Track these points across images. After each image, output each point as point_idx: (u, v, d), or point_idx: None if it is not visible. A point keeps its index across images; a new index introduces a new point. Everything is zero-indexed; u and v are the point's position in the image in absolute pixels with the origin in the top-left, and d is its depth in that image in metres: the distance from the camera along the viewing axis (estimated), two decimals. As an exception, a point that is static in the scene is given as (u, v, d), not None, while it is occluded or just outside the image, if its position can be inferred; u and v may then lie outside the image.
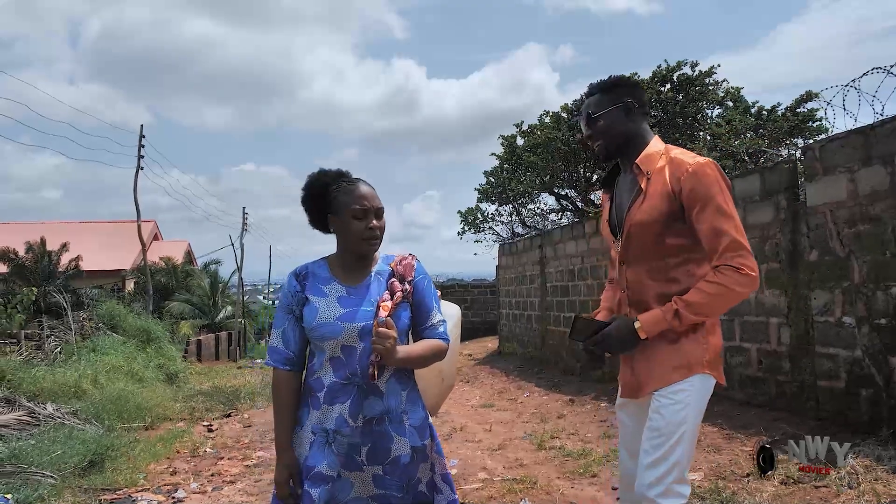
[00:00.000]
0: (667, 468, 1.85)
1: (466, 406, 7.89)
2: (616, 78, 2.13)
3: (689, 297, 1.90)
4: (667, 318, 1.90)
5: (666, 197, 1.94)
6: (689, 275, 1.96)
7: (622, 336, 1.97)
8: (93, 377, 8.28)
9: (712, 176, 1.91)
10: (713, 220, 1.88)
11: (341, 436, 1.85)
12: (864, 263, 4.60)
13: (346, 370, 1.86)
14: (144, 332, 11.88)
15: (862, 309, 4.61)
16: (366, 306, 1.89)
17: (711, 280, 1.89)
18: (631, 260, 2.05)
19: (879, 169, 4.50)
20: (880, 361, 4.46)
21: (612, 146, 2.09)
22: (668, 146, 2.06)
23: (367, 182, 1.98)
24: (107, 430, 6.42)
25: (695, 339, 1.95)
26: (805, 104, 13.66)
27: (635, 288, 2.04)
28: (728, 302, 1.91)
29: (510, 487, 4.19)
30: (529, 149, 16.68)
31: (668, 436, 1.87)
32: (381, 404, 1.88)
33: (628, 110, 2.06)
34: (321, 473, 1.83)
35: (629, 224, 2.02)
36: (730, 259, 1.86)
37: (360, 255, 1.96)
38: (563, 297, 10.26)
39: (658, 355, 1.96)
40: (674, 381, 1.92)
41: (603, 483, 4.23)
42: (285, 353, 1.95)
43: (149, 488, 4.70)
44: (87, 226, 27.18)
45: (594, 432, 5.77)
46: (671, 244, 1.97)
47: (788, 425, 4.89)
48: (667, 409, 1.90)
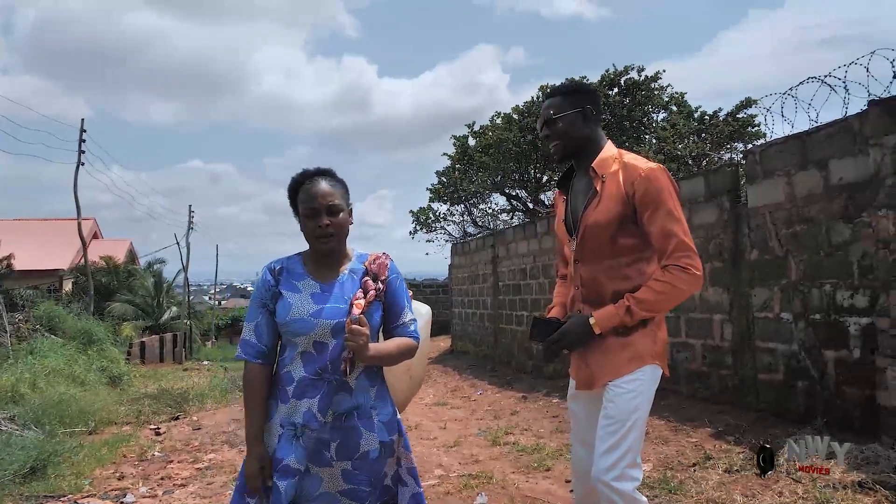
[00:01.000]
0: (621, 453, 1.95)
1: (420, 404, 7.91)
2: (577, 84, 2.28)
3: (639, 294, 2.02)
4: (619, 314, 2.02)
5: (620, 199, 2.06)
6: (640, 273, 2.10)
7: (578, 332, 2.08)
8: (31, 381, 7.96)
9: (663, 181, 2.04)
10: (663, 222, 2.01)
11: (309, 430, 1.87)
12: (801, 262, 4.85)
13: (317, 365, 1.88)
14: (85, 334, 11.47)
15: (798, 305, 4.86)
16: (339, 303, 1.91)
17: (660, 279, 2.02)
18: (585, 258, 2.15)
19: (815, 173, 4.75)
20: (815, 355, 4.72)
21: (568, 148, 2.19)
22: (621, 151, 2.18)
23: (331, 177, 1.99)
24: (48, 435, 6.17)
25: (645, 333, 2.07)
26: (745, 110, 14.24)
27: (589, 285, 2.14)
28: (675, 299, 2.05)
29: (466, 483, 4.25)
30: (481, 149, 16.83)
31: (621, 423, 1.98)
32: (350, 400, 1.90)
33: (586, 116, 2.16)
34: (289, 467, 1.85)
35: (584, 224, 2.12)
36: (678, 259, 1.99)
37: (320, 254, 1.97)
38: (515, 295, 10.40)
39: (611, 349, 2.07)
40: (627, 372, 2.03)
41: (557, 476, 4.33)
42: (258, 346, 1.96)
43: (95, 494, 4.56)
44: (21, 223, 25.94)
45: (547, 427, 5.89)
46: (623, 244, 2.08)
47: (731, 417, 5.11)
48: (620, 399, 2.01)
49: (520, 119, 15.98)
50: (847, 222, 4.47)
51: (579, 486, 2.24)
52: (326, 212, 1.92)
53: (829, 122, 4.65)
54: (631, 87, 15.48)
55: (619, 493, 1.92)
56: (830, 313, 4.59)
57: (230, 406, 8.20)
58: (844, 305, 4.48)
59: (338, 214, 1.94)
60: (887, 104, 4.13)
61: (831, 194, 4.61)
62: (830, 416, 4.49)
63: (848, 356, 4.44)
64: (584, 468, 2.16)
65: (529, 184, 16.89)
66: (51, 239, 23.55)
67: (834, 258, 4.57)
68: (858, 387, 4.34)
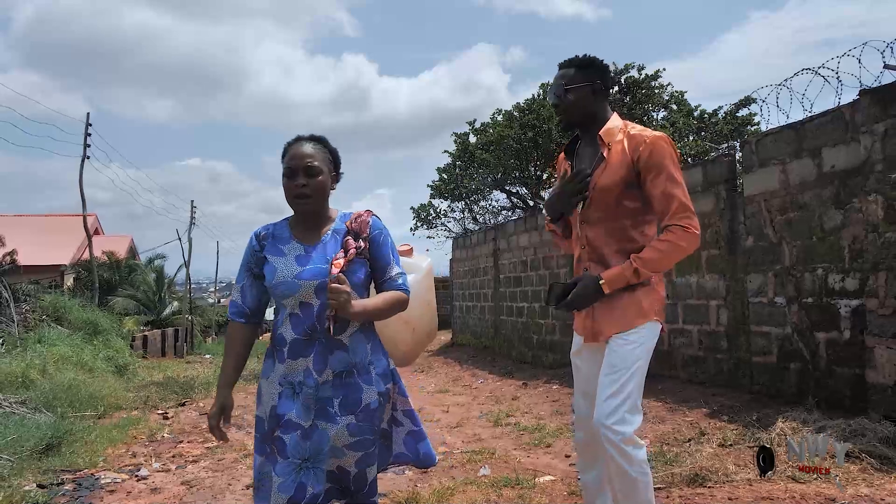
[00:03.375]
0: (621, 399, 2.09)
1: (423, 392, 8.07)
2: (590, 58, 2.33)
3: (644, 254, 2.17)
4: (626, 275, 2.16)
5: (625, 164, 2.20)
6: (643, 234, 2.25)
7: (588, 293, 2.21)
8: (41, 367, 8.09)
9: (666, 148, 2.19)
10: (665, 185, 2.16)
11: (307, 387, 1.93)
12: (794, 248, 5.01)
13: (305, 325, 1.94)
14: (91, 325, 11.59)
15: (792, 290, 5.01)
16: (321, 264, 1.95)
17: (663, 238, 2.17)
18: (591, 220, 2.28)
19: (808, 161, 4.91)
20: (808, 337, 4.87)
21: (575, 118, 2.33)
22: (626, 122, 2.32)
23: (318, 142, 2.03)
24: (59, 417, 6.32)
25: (647, 290, 2.23)
26: (744, 107, 14.39)
27: (595, 245, 2.28)
28: (676, 257, 2.19)
29: (470, 458, 4.40)
30: (482, 146, 16.98)
31: (623, 370, 2.13)
32: (347, 358, 1.96)
33: (596, 90, 2.29)
34: (292, 421, 1.92)
35: (592, 188, 2.25)
36: (679, 219, 2.14)
37: (299, 215, 2.03)
38: (515, 287, 10.55)
39: (618, 305, 2.21)
40: (631, 326, 2.18)
41: (557, 452, 4.49)
42: (241, 306, 2.08)
43: (110, 469, 4.71)
44: (22, 219, 26.03)
45: (547, 410, 6.04)
46: (627, 207, 2.23)
47: (726, 398, 5.27)
48: (623, 349, 2.16)
49: (521, 116, 16.13)
50: (839, 208, 4.63)
51: (580, 432, 2.40)
52: (304, 172, 1.95)
53: (823, 112, 4.81)
54: (631, 86, 15.61)
55: (620, 434, 2.05)
56: (822, 296, 4.74)
57: (235, 393, 8.32)
58: (836, 288, 4.63)
59: (316, 176, 1.96)
60: (877, 93, 4.29)
61: (824, 181, 4.77)
62: (821, 396, 4.64)
63: (838, 337, 4.60)
64: (584, 415, 2.33)
65: (530, 181, 17.03)
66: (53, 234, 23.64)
67: (826, 243, 4.73)
68: (848, 366, 4.50)
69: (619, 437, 2.06)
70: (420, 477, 4.00)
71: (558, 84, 2.31)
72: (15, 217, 26.27)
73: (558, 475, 3.88)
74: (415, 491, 3.62)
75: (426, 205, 18.92)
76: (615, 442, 2.07)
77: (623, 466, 2.07)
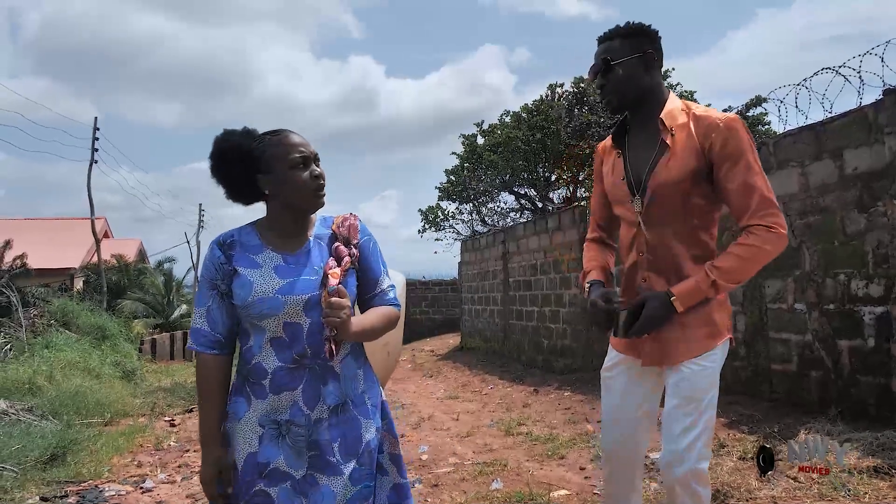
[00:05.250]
0: (698, 433, 1.81)
1: (432, 398, 7.96)
2: (638, 25, 1.94)
3: (722, 263, 1.82)
4: (703, 289, 1.82)
5: (694, 153, 1.85)
6: (712, 237, 1.93)
7: (659, 314, 1.86)
8: (48, 374, 8.05)
9: (743, 132, 1.83)
10: (745, 176, 1.81)
11: (296, 427, 1.61)
12: (815, 252, 4.86)
13: (293, 351, 1.61)
14: (99, 330, 11.57)
15: (812, 295, 4.87)
16: (308, 275, 1.63)
17: (744, 242, 1.82)
18: (654, 221, 1.92)
19: (829, 163, 4.77)
20: (829, 345, 4.73)
21: (627, 99, 1.94)
22: (688, 102, 1.95)
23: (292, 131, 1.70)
24: (65, 425, 6.26)
25: (720, 304, 1.91)
26: (755, 107, 14.19)
27: (658, 251, 1.93)
28: (760, 264, 1.84)
29: (481, 470, 4.28)
30: (490, 148, 16.88)
31: (698, 402, 1.82)
32: (339, 388, 1.65)
33: (648, 62, 1.91)
34: (280, 470, 1.60)
35: (655, 183, 1.89)
36: (762, 217, 1.80)
37: (302, 215, 1.70)
38: (525, 291, 10.43)
39: (690, 324, 1.88)
40: (708, 349, 1.86)
41: (571, 464, 4.36)
42: (211, 334, 1.66)
43: (115, 480, 4.63)
44: (32, 223, 26.18)
45: (559, 419, 5.91)
46: (696, 204, 1.88)
47: (744, 407, 5.13)
48: (697, 377, 1.85)
49: (528, 118, 16.02)
50: (862, 212, 4.48)
51: (610, 467, 2.08)
52: (316, 162, 1.67)
53: (844, 112, 4.67)
54: (640, 86, 15.47)
55: (698, 473, 1.80)
56: (845, 303, 4.60)
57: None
58: (859, 295, 4.48)
59: (320, 166, 1.67)
60: (902, 93, 4.15)
61: (846, 184, 4.62)
62: (844, 405, 4.49)
63: (862, 345, 4.45)
64: (616, 448, 2.03)
65: (538, 183, 16.90)
66: (62, 238, 23.74)
67: (848, 248, 4.58)
68: (873, 375, 4.35)
69: (694, 475, 1.80)
70: (431, 491, 3.89)
71: (602, 59, 1.92)
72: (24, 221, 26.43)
73: (573, 489, 3.76)
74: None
75: (434, 207, 18.83)
76: (688, 482, 1.80)
77: None
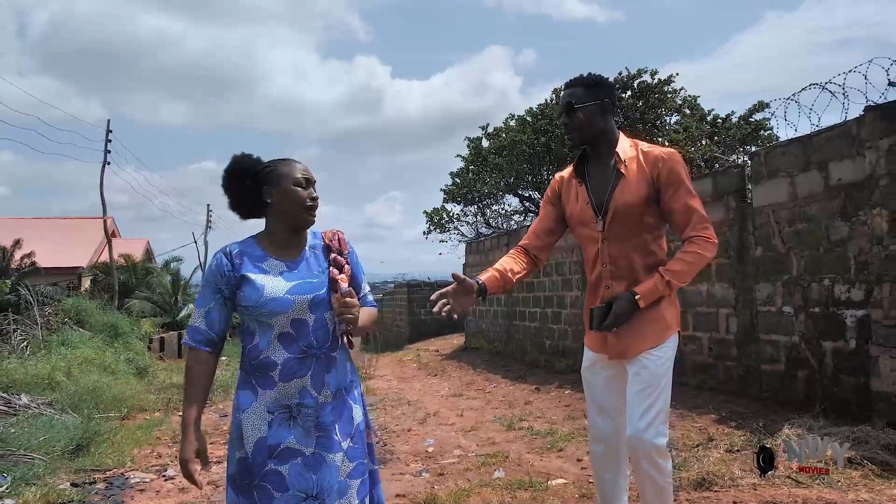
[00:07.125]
0: (655, 413, 2.20)
1: (437, 396, 8.23)
2: (598, 77, 2.39)
3: (674, 266, 2.26)
4: (659, 288, 2.25)
5: (645, 181, 2.29)
6: (661, 248, 2.36)
7: (626, 310, 2.26)
8: (66, 370, 8.33)
9: (681, 164, 2.31)
10: (685, 199, 2.27)
11: (306, 408, 1.83)
12: (802, 258, 5.12)
13: (301, 343, 1.86)
14: (112, 328, 11.86)
15: (799, 299, 5.13)
16: (310, 278, 1.92)
17: (689, 250, 2.25)
18: (613, 238, 2.33)
19: (815, 174, 5.02)
20: (815, 346, 4.98)
21: (585, 137, 2.38)
22: (634, 140, 2.43)
23: None
24: (85, 419, 6.54)
25: (669, 303, 2.32)
26: (757, 113, 14.42)
27: (619, 262, 2.34)
28: (701, 266, 2.28)
29: (484, 461, 4.55)
30: (495, 151, 17.13)
31: (654, 386, 2.23)
32: (337, 376, 1.92)
33: (604, 109, 2.35)
34: (291, 448, 1.80)
35: (614, 205, 2.31)
36: (700, 230, 2.25)
37: (297, 228, 1.97)
38: (528, 293, 10.69)
39: (643, 321, 2.28)
40: (659, 342, 2.27)
41: (569, 456, 4.63)
42: (208, 334, 1.90)
43: (138, 469, 4.90)
44: (40, 222, 26.49)
45: (560, 415, 6.18)
46: (647, 222, 2.32)
47: (735, 405, 5.39)
48: (653, 365, 2.25)
49: (533, 121, 16.26)
50: (845, 220, 4.74)
51: (598, 445, 2.48)
52: (313, 186, 1.98)
53: (829, 126, 4.93)
54: (644, 90, 15.69)
55: (657, 447, 2.18)
56: (829, 306, 4.86)
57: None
58: (842, 299, 4.74)
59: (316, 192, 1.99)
60: (882, 109, 4.40)
61: (831, 194, 4.88)
62: (828, 403, 4.75)
63: (844, 346, 4.71)
64: (602, 429, 2.43)
65: (542, 185, 17.14)
66: (70, 237, 24.05)
67: (832, 254, 4.84)
68: (854, 375, 4.61)
69: (654, 449, 2.18)
70: (437, 479, 4.16)
71: (566, 103, 2.36)
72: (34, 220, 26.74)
73: (570, 478, 4.03)
74: (432, 493, 3.79)
75: (439, 209, 19.08)
76: (650, 454, 2.18)
77: (655, 478, 2.21)
